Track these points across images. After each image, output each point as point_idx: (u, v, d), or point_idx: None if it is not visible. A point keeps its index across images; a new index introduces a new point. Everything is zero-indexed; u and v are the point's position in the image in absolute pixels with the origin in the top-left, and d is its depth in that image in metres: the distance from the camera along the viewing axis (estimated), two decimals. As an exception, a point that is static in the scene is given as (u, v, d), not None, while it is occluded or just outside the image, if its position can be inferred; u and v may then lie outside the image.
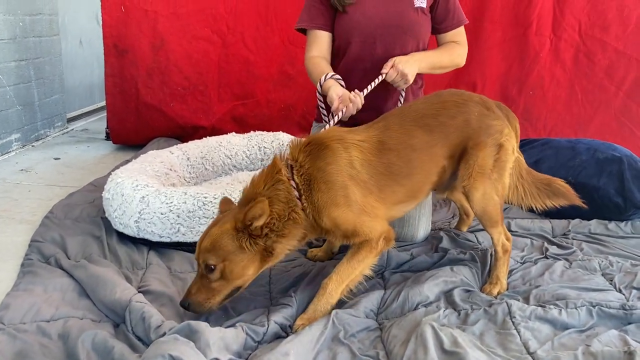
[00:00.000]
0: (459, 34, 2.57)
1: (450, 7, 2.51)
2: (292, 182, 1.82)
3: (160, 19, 3.87)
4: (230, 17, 3.92)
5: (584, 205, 2.25)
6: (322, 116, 2.44)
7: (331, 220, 1.83)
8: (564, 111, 3.94)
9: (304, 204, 1.82)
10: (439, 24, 2.54)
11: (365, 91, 2.28)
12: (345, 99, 2.21)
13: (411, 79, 2.34)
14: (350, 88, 2.29)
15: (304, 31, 2.57)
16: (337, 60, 2.54)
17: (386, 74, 2.32)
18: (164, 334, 1.60)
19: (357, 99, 2.21)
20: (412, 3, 2.45)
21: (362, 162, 1.89)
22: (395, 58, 2.34)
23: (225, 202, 1.96)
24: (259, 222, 1.72)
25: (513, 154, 2.11)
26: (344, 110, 2.19)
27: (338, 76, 2.34)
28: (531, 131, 3.94)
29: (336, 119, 2.18)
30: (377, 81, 2.31)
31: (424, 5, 2.46)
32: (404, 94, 2.48)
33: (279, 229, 1.78)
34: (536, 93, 3.94)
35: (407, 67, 2.31)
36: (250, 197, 1.80)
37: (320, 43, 2.50)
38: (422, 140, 1.99)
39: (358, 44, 2.46)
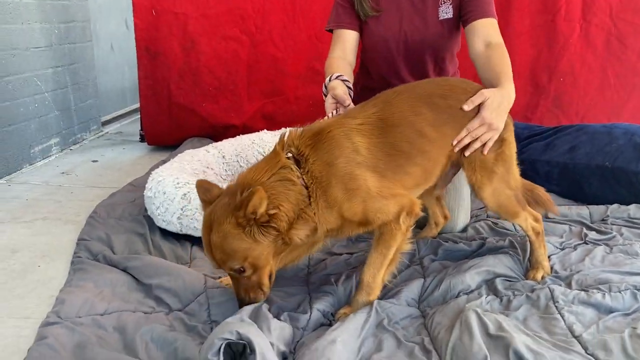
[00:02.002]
0: (491, 26, 2.24)
1: (473, 1, 2.29)
2: (302, 181, 1.69)
3: (189, 21, 3.95)
4: (258, 16, 3.97)
5: (558, 213, 2.35)
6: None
7: (346, 214, 1.73)
8: (596, 96, 3.89)
9: (314, 203, 1.69)
10: (468, 14, 2.30)
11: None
12: (342, 99, 2.06)
13: (500, 129, 1.97)
14: None
15: (332, 31, 2.53)
16: (367, 74, 2.55)
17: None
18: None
19: (350, 105, 2.07)
20: (436, 16, 2.36)
21: (368, 145, 1.76)
22: (483, 97, 1.92)
23: (204, 187, 1.76)
24: (262, 210, 1.57)
25: (514, 147, 2.05)
26: (333, 113, 2.09)
27: (346, 78, 2.18)
28: (563, 118, 3.91)
29: (325, 119, 2.01)
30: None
31: (450, 15, 2.33)
32: None
33: (286, 224, 1.65)
34: (567, 79, 3.90)
35: (498, 116, 1.93)
36: (245, 185, 1.63)
37: (343, 42, 2.41)
38: (430, 117, 1.87)
39: (381, 58, 2.45)
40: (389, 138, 1.80)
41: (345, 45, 2.42)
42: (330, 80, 2.18)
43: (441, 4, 2.37)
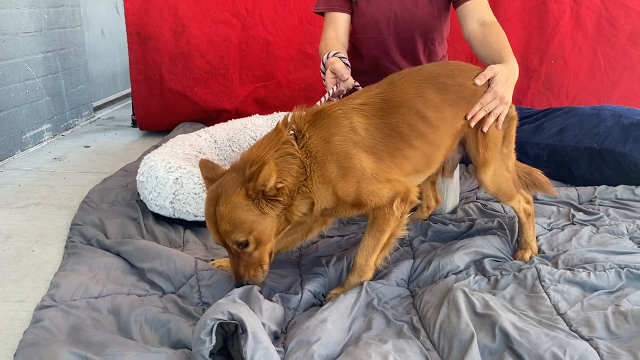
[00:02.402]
0: (481, 5, 2.27)
1: None
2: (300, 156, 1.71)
3: (180, 5, 3.92)
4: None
5: (555, 194, 2.37)
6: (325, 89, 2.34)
7: (339, 192, 1.74)
8: (586, 79, 3.92)
9: (310, 177, 1.72)
10: None
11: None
12: (340, 73, 2.12)
13: (510, 102, 2.03)
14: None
15: (322, 14, 2.54)
16: (357, 56, 2.55)
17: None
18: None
19: (349, 79, 2.13)
20: None
21: (366, 126, 1.77)
22: (493, 71, 1.98)
23: (207, 166, 1.80)
24: (271, 183, 1.60)
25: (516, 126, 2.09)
26: (334, 88, 2.13)
27: (343, 54, 2.23)
28: (554, 100, 3.93)
29: (327, 95, 2.11)
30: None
31: None
32: None
33: (288, 199, 1.69)
34: (558, 62, 3.92)
35: (507, 90, 1.99)
36: (252, 161, 1.66)
37: (336, 24, 2.43)
38: (435, 98, 1.87)
39: (373, 40, 2.46)
40: (389, 119, 1.81)
41: (338, 28, 2.44)
42: (327, 57, 2.21)
43: None
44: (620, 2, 3.78)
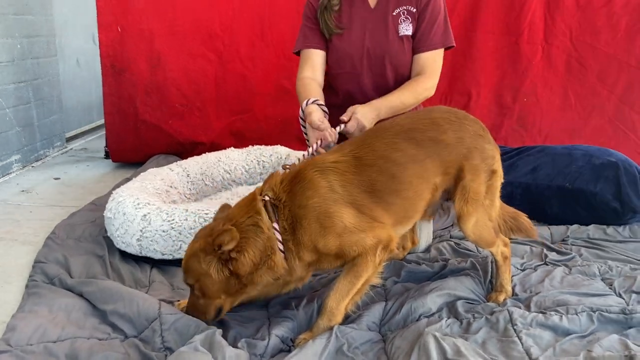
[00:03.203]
0: (430, 59, 2.45)
1: (425, 28, 2.43)
2: (275, 227, 1.74)
3: (156, 38, 3.91)
4: (226, 34, 3.97)
5: (536, 236, 2.31)
6: (305, 136, 2.39)
7: (321, 249, 1.76)
8: (558, 116, 4.00)
9: (288, 247, 1.76)
10: (415, 44, 2.47)
11: (338, 129, 2.23)
12: (322, 129, 2.16)
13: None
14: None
15: (298, 53, 2.60)
16: (332, 92, 2.56)
17: (345, 124, 2.23)
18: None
19: (332, 136, 2.17)
20: (396, 31, 2.45)
21: (342, 183, 1.79)
22: (355, 107, 2.26)
23: (223, 209, 1.92)
24: (228, 247, 1.66)
25: (501, 178, 2.07)
26: (319, 143, 2.16)
27: (321, 102, 2.29)
28: (527, 137, 3.99)
29: (310, 150, 2.13)
30: (338, 129, 2.24)
31: (409, 32, 2.44)
32: None
33: (249, 270, 1.72)
34: (530, 99, 4.00)
35: (365, 119, 2.23)
36: (227, 219, 1.75)
37: (312, 62, 2.49)
38: (407, 154, 1.88)
39: (347, 74, 2.50)
40: (363, 177, 1.82)
41: (314, 65, 2.50)
42: (306, 104, 2.26)
43: (401, 22, 2.45)
44: (589, 42, 3.89)
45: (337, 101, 2.55)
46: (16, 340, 1.78)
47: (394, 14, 2.46)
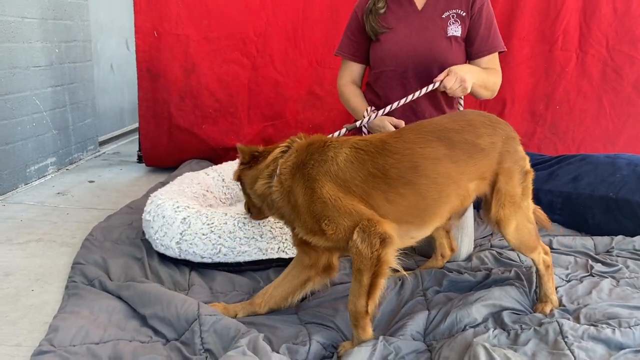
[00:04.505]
0: (494, 61, 2.53)
1: (483, 32, 2.47)
2: (280, 161, 1.87)
3: (191, 44, 3.94)
4: (260, 40, 3.98)
5: (550, 227, 2.34)
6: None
7: (296, 204, 1.81)
8: (592, 125, 3.93)
9: (281, 180, 1.84)
10: (471, 47, 2.49)
11: (432, 86, 2.33)
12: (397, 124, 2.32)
13: (469, 85, 2.29)
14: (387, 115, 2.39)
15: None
16: (376, 86, 2.57)
17: (441, 81, 2.29)
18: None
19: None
20: (445, 31, 2.45)
21: (351, 158, 1.77)
22: (449, 67, 2.32)
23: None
24: (242, 160, 2.04)
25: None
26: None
27: (374, 108, 2.44)
28: (560, 145, 3.94)
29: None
30: (427, 89, 2.30)
31: (458, 34, 2.45)
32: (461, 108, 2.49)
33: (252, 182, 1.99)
34: (563, 107, 3.94)
35: (463, 71, 2.29)
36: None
37: (351, 72, 2.64)
38: (439, 152, 1.81)
39: (391, 72, 2.50)
40: (379, 160, 1.77)
41: (353, 75, 2.65)
42: (369, 119, 2.37)
43: (450, 24, 2.45)
44: (626, 51, 3.82)
45: (379, 103, 2.54)
46: (59, 341, 1.78)
47: (443, 16, 2.46)
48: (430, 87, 2.31)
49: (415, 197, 1.78)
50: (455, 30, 2.44)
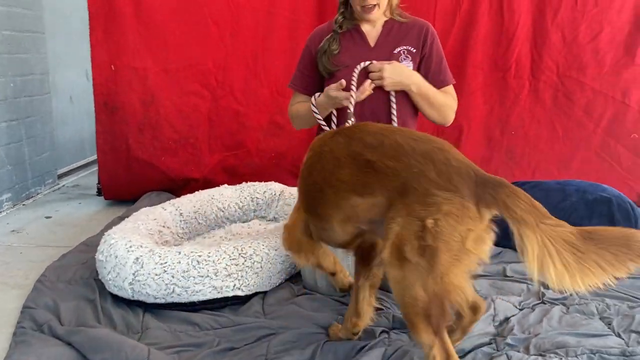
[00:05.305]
0: (449, 92, 2.56)
1: (435, 68, 2.52)
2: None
3: (150, 76, 3.93)
4: (219, 71, 3.99)
5: None
6: (322, 127, 2.46)
7: None
8: (546, 149, 4.06)
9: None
10: (431, 83, 2.49)
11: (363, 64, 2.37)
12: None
13: (407, 85, 2.38)
14: None
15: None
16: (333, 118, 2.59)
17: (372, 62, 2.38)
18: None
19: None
20: None
21: (307, 168, 1.84)
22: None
23: None
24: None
25: (463, 245, 1.50)
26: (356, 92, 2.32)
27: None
28: (516, 170, 4.04)
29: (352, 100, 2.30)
30: (363, 64, 2.38)
31: (411, 67, 2.49)
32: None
33: None
34: (518, 133, 4.06)
35: (408, 71, 2.39)
36: None
37: (302, 102, 2.60)
38: (346, 173, 1.67)
39: (346, 108, 2.48)
40: (311, 177, 1.82)
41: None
42: (318, 95, 2.42)
43: (402, 60, 2.49)
44: (575, 77, 3.97)
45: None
46: (3, 393, 1.73)
47: (395, 52, 2.50)
48: (363, 64, 2.37)
49: (322, 223, 1.89)
50: (407, 65, 2.47)
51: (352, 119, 2.23)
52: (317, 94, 2.45)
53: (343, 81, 2.32)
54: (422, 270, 1.50)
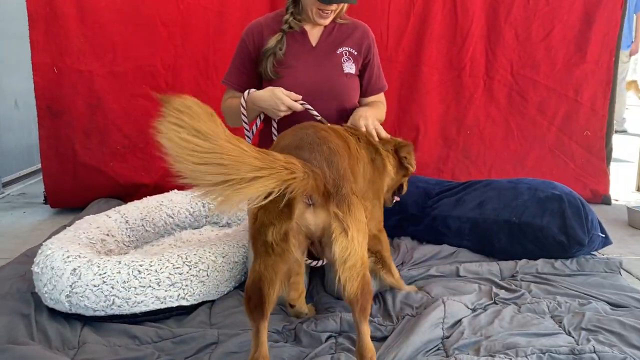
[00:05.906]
0: (378, 97, 2.69)
1: (375, 72, 2.62)
2: None
3: (96, 79, 3.78)
4: (169, 73, 3.87)
5: None
6: (244, 124, 2.45)
7: None
8: (501, 148, 4.10)
9: None
10: (370, 87, 2.63)
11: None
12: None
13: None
14: None
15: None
16: (274, 122, 2.52)
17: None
18: None
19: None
20: (341, 69, 2.50)
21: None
22: (358, 114, 2.38)
23: None
24: None
25: None
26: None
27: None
28: (472, 168, 4.06)
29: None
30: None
31: (352, 71, 2.53)
32: None
33: None
34: (473, 131, 4.09)
35: (371, 114, 2.40)
36: None
37: (235, 98, 2.53)
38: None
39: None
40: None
41: None
42: (249, 93, 2.37)
43: (344, 61, 2.51)
44: (529, 76, 4.02)
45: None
46: None
47: (337, 52, 2.51)
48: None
49: None
50: (350, 67, 2.51)
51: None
52: (251, 90, 2.39)
53: (299, 97, 2.34)
54: None
